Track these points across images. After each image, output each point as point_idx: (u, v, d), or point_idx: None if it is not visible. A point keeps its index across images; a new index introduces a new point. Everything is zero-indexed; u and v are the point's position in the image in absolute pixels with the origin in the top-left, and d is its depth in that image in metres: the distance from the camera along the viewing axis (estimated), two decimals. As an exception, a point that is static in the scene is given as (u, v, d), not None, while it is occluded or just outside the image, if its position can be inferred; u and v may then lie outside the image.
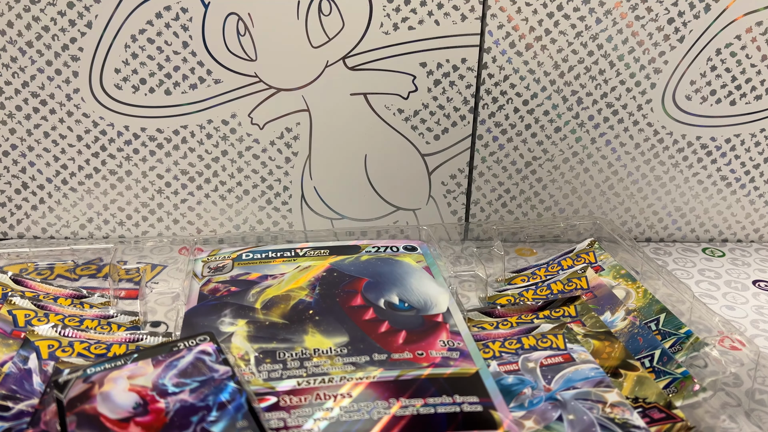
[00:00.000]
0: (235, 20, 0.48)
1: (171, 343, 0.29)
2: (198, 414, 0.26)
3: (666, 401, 0.32)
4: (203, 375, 0.28)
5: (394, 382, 0.31)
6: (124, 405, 0.27)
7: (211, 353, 0.29)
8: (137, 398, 0.27)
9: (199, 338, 0.30)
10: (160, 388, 0.27)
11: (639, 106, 0.52)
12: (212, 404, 0.27)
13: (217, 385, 0.27)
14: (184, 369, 0.28)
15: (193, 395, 0.27)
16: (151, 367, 0.28)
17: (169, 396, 0.27)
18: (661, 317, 0.39)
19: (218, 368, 0.28)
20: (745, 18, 0.50)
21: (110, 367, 0.29)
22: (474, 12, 0.48)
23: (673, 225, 0.57)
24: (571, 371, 0.34)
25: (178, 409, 0.26)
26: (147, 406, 0.27)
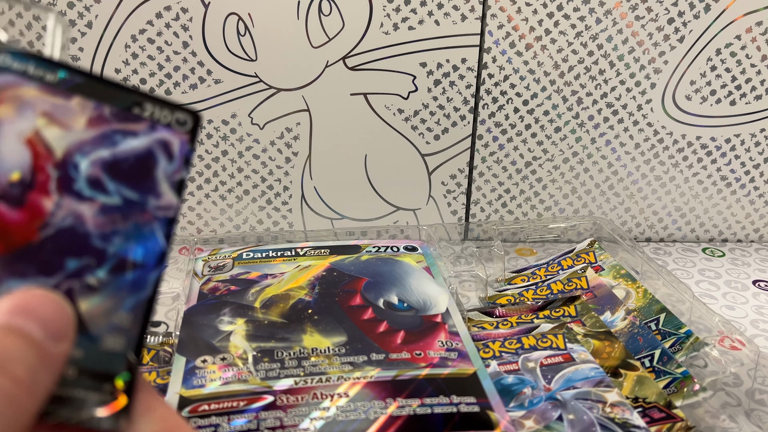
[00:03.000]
0: (235, 20, 0.48)
1: (138, 96, 0.17)
2: (82, 256, 0.15)
3: (666, 401, 0.32)
4: (139, 188, 0.16)
5: (392, 382, 0.31)
6: (4, 166, 0.15)
7: (174, 157, 0.17)
8: (26, 164, 0.16)
9: (178, 116, 0.17)
10: (68, 170, 0.16)
11: (639, 106, 0.52)
12: (110, 253, 0.16)
13: (141, 221, 0.16)
14: (124, 158, 0.16)
15: (100, 217, 0.16)
16: (85, 117, 0.16)
17: (68, 194, 0.16)
18: (661, 317, 0.39)
19: (163, 192, 0.16)
20: (744, 18, 0.49)
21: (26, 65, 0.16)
22: (474, 12, 0.48)
23: (673, 225, 0.57)
24: (571, 371, 0.34)
25: (61, 231, 0.15)
26: (27, 191, 0.15)
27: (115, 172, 0.16)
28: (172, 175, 0.17)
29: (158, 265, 0.16)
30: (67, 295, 0.15)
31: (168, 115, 0.17)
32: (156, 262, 0.16)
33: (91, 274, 0.15)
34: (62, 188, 0.16)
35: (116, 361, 0.15)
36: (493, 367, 0.35)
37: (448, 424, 0.29)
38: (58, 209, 0.15)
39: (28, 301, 0.14)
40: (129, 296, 0.15)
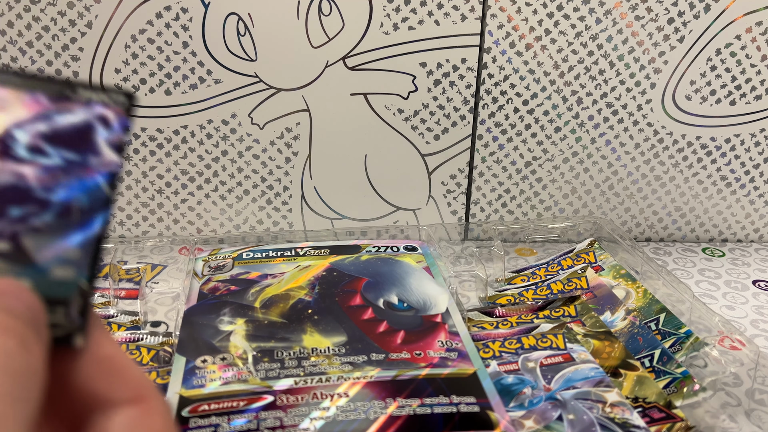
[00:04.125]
0: (235, 20, 0.48)
1: (69, 84, 0.19)
2: (24, 205, 0.17)
3: (666, 401, 0.32)
4: (79, 151, 0.18)
5: (392, 382, 0.31)
6: None
7: (112, 126, 0.18)
8: None
9: (112, 96, 0.19)
10: (7, 141, 0.17)
11: (639, 106, 0.52)
12: (54, 201, 0.17)
13: (84, 175, 0.18)
14: (62, 129, 0.18)
15: (42, 174, 0.17)
16: (19, 103, 0.18)
17: (7, 160, 0.17)
18: (661, 317, 0.39)
19: (103, 152, 0.18)
20: (744, 18, 0.49)
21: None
22: (474, 12, 0.48)
23: (673, 225, 0.57)
24: (571, 371, 0.34)
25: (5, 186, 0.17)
26: None
27: (54, 139, 0.18)
28: (111, 139, 0.18)
29: (104, 208, 0.17)
30: (11, 238, 0.16)
31: (102, 96, 0.19)
32: (101, 206, 0.17)
33: (36, 218, 0.17)
34: (5, 156, 0.17)
35: (68, 288, 0.16)
36: (493, 367, 0.35)
37: (448, 424, 0.29)
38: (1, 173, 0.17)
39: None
40: (76, 234, 0.17)
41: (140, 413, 0.14)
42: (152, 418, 0.14)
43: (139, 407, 0.14)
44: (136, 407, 0.14)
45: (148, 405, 0.14)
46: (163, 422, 0.15)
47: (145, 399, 0.14)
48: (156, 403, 0.15)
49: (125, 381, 0.15)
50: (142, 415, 0.14)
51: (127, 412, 0.14)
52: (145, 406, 0.14)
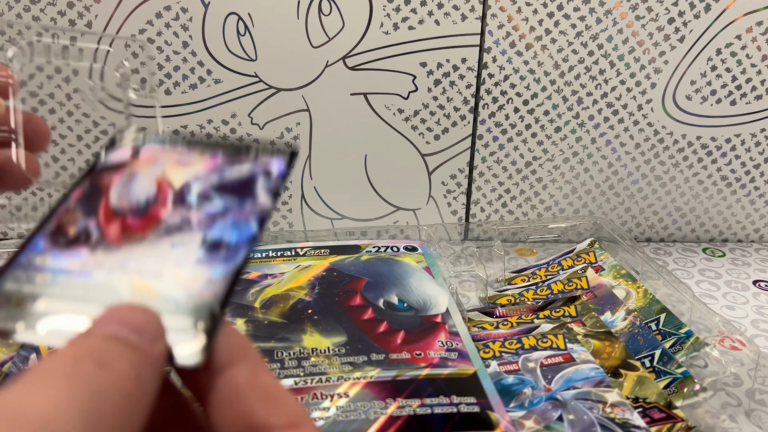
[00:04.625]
0: (235, 20, 0.48)
1: (246, 147, 0.21)
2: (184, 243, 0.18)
3: (666, 401, 0.32)
4: (240, 197, 0.20)
5: (392, 382, 0.31)
6: (134, 195, 0.20)
7: (272, 176, 0.20)
8: (152, 193, 0.20)
9: (278, 149, 0.21)
10: (184, 192, 0.20)
11: (639, 106, 0.52)
12: (208, 238, 0.19)
13: (240, 218, 0.19)
14: (229, 180, 0.20)
15: (203, 218, 0.19)
16: (200, 162, 0.20)
17: (180, 206, 0.19)
18: (661, 317, 0.39)
19: (260, 197, 0.20)
20: (745, 18, 0.49)
21: (164, 141, 0.21)
22: (474, 12, 0.48)
23: (674, 225, 0.57)
24: (571, 371, 0.34)
25: (168, 227, 0.19)
26: (150, 206, 0.19)
27: (221, 188, 0.20)
28: (269, 186, 0.20)
29: (250, 245, 0.19)
30: (162, 267, 0.18)
31: (269, 149, 0.21)
32: (248, 243, 0.19)
33: (191, 254, 0.18)
34: (176, 202, 0.20)
35: (202, 311, 0.17)
36: (494, 367, 0.35)
37: (448, 424, 0.29)
38: (170, 214, 0.19)
39: (117, 313, 0.16)
40: (221, 265, 0.18)
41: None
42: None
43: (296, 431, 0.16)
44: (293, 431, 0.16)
45: (305, 429, 0.16)
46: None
47: (301, 425, 0.16)
48: (311, 427, 0.16)
49: (283, 409, 0.16)
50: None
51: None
52: (301, 430, 0.16)
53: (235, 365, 0.16)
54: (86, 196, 0.20)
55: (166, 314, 0.17)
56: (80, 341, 0.14)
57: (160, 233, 0.19)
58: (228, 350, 0.16)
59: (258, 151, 0.21)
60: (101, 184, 0.20)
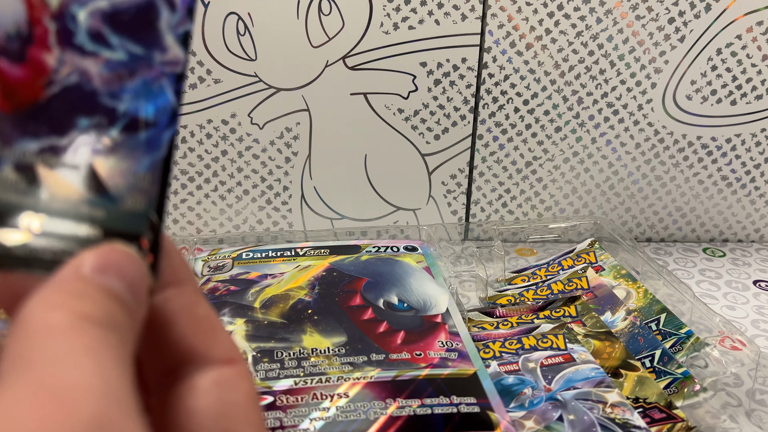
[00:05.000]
0: (234, 20, 0.48)
1: None
2: (92, 115, 0.15)
3: (666, 401, 0.32)
4: (143, 41, 0.15)
5: (392, 382, 0.31)
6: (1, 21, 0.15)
7: (177, 5, 0.16)
8: (23, 18, 0.15)
9: None
10: (66, 22, 0.15)
11: (639, 105, 0.52)
12: (121, 111, 0.15)
13: (150, 78, 0.15)
14: (122, 10, 0.15)
15: (106, 73, 0.15)
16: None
17: (68, 49, 0.15)
18: (661, 317, 0.39)
19: (168, 45, 0.15)
20: (745, 18, 0.49)
21: None
22: (474, 11, 0.48)
23: (674, 225, 0.57)
24: (571, 371, 0.34)
25: (68, 88, 0.15)
26: (26, 45, 0.15)
27: (115, 23, 0.15)
28: (176, 27, 0.16)
29: (171, 123, 0.15)
30: (80, 155, 0.15)
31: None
32: (168, 121, 0.15)
33: (104, 134, 0.15)
34: (62, 42, 0.15)
35: (139, 221, 0.15)
36: (494, 367, 0.34)
37: (449, 424, 0.29)
38: (61, 65, 0.15)
39: (114, 259, 0.14)
40: (145, 156, 0.15)
41: (233, 374, 0.14)
42: (243, 379, 0.15)
43: (232, 368, 0.15)
44: (228, 368, 0.14)
45: (240, 367, 0.15)
46: (251, 386, 0.15)
47: (236, 361, 0.15)
48: (245, 367, 0.15)
49: (220, 342, 0.15)
50: (234, 375, 0.14)
51: (220, 370, 0.14)
52: (237, 368, 0.15)
53: (170, 287, 0.15)
54: None
55: (97, 225, 0.14)
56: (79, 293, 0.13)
57: (55, 96, 0.15)
58: (165, 270, 0.15)
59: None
60: None
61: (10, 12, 0.15)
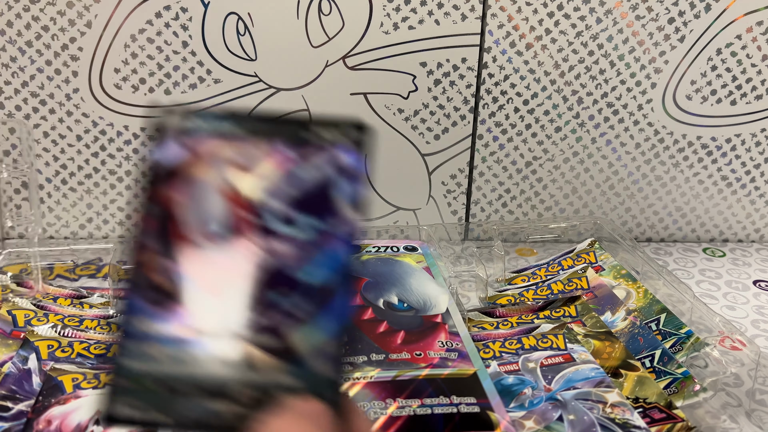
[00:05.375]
0: (234, 20, 0.48)
1: (302, 124, 0.18)
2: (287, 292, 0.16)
3: (666, 401, 0.32)
4: (322, 214, 0.17)
5: (391, 382, 0.31)
6: (207, 219, 0.17)
7: (349, 174, 0.17)
8: (227, 216, 0.17)
9: (345, 130, 0.18)
10: (263, 211, 0.17)
11: (639, 105, 0.52)
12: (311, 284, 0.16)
13: (329, 246, 0.17)
14: (306, 189, 0.17)
15: (296, 251, 0.16)
16: (263, 157, 0.17)
17: (263, 235, 0.17)
18: (661, 317, 0.39)
19: (343, 212, 0.17)
20: (745, 18, 0.49)
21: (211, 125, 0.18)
22: (474, 11, 0.48)
23: (674, 225, 0.57)
24: (571, 371, 0.34)
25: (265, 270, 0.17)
26: (231, 236, 0.17)
27: (300, 204, 0.17)
28: (351, 195, 0.18)
29: (350, 289, 0.17)
30: (279, 332, 0.16)
31: (334, 133, 0.18)
32: (346, 285, 0.17)
33: (298, 307, 0.16)
34: (259, 229, 0.17)
35: (328, 386, 0.16)
36: (494, 367, 0.34)
37: (449, 424, 0.29)
38: (259, 250, 0.17)
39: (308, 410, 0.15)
40: (330, 323, 0.16)
41: None
42: None
43: None
44: None
45: None
46: None
47: None
48: None
49: None
50: None
51: None
52: None
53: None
54: (155, 224, 0.17)
55: (296, 391, 0.16)
56: None
57: (254, 277, 0.16)
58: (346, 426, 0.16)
59: (321, 132, 0.18)
60: (164, 202, 0.17)
61: (215, 210, 0.17)
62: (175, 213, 0.17)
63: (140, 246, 0.18)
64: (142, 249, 0.18)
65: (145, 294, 0.17)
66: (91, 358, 0.35)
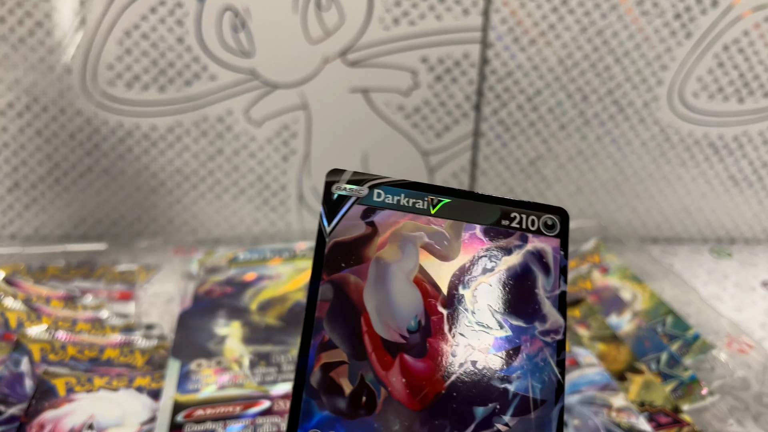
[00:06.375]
0: (231, 15, 0.47)
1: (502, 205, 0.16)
2: (486, 402, 0.14)
3: (673, 405, 0.32)
4: (523, 314, 0.15)
5: None
6: (398, 311, 0.15)
7: (550, 266, 0.15)
8: (420, 309, 0.15)
9: (545, 219, 0.16)
10: (456, 306, 0.15)
11: (645, 103, 0.51)
12: (511, 392, 0.14)
13: (534, 352, 0.15)
14: (503, 283, 0.15)
15: (494, 353, 0.14)
16: (457, 243, 0.15)
17: (459, 335, 0.15)
18: (667, 319, 0.39)
19: (546, 311, 0.15)
20: (753, 14, 0.49)
21: (403, 206, 0.16)
22: (477, 6, 0.48)
23: (680, 225, 0.56)
24: (576, 375, 0.34)
25: (463, 377, 0.14)
26: (426, 337, 0.15)
27: (497, 299, 0.15)
28: (551, 291, 0.16)
29: (558, 400, 0.15)
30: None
31: (536, 221, 0.16)
32: (555, 397, 0.15)
33: (499, 420, 0.15)
34: (454, 328, 0.15)
35: None
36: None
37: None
38: (456, 353, 0.15)
39: None
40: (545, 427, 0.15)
41: None
42: None
43: None
44: None
45: None
46: None
47: None
48: None
49: None
50: None
51: None
52: None
53: None
54: (335, 312, 0.15)
55: None
56: None
57: (453, 386, 0.14)
58: None
59: (521, 219, 0.16)
60: (345, 286, 0.15)
61: (409, 303, 0.15)
62: (358, 302, 0.15)
63: (318, 337, 0.15)
64: (322, 342, 0.15)
65: (329, 400, 0.14)
66: (85, 361, 0.34)
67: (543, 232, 0.16)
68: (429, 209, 0.16)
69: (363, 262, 0.15)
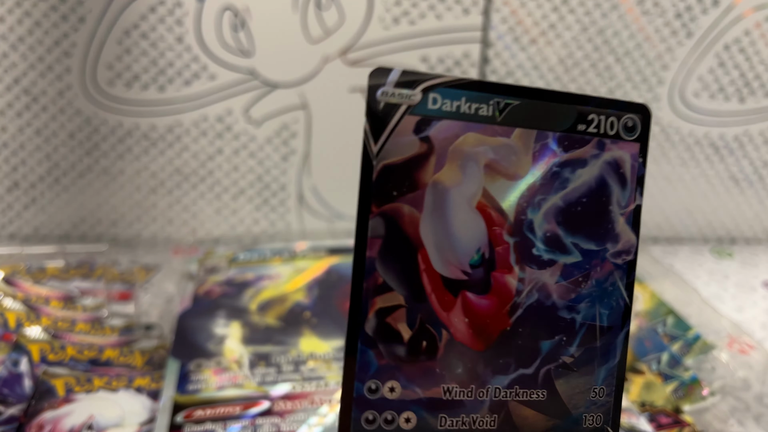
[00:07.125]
0: (231, 15, 0.47)
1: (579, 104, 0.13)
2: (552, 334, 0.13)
3: (674, 406, 0.32)
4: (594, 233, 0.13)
5: None
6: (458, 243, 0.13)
7: (627, 177, 0.13)
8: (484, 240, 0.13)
9: (625, 120, 0.14)
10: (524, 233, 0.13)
11: (646, 103, 0.51)
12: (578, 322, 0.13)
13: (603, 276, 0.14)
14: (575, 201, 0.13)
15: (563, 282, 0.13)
16: (527, 156, 0.13)
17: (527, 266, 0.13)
18: (668, 320, 0.39)
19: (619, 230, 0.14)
20: (754, 14, 0.49)
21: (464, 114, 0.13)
22: (477, 6, 0.47)
23: (681, 224, 0.56)
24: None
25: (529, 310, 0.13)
26: (490, 271, 0.13)
27: (568, 221, 0.14)
28: (626, 207, 0.14)
29: (624, 324, 0.14)
30: (545, 382, 0.14)
31: (615, 123, 0.14)
32: (622, 321, 0.14)
33: (564, 353, 0.14)
34: (521, 258, 0.14)
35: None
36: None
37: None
38: (522, 285, 0.14)
39: None
40: (600, 367, 0.14)
41: None
42: None
43: None
44: None
45: None
46: None
47: None
48: None
49: None
50: None
51: None
52: None
53: None
54: (389, 250, 0.13)
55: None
56: None
57: (519, 321, 0.13)
58: None
59: (600, 121, 0.13)
60: (398, 219, 0.13)
61: (470, 234, 0.13)
62: (414, 236, 0.13)
63: (371, 279, 0.13)
64: (375, 285, 0.13)
65: (387, 348, 0.13)
66: (85, 362, 0.34)
67: (622, 137, 0.14)
68: (495, 115, 0.13)
69: (418, 188, 0.13)
